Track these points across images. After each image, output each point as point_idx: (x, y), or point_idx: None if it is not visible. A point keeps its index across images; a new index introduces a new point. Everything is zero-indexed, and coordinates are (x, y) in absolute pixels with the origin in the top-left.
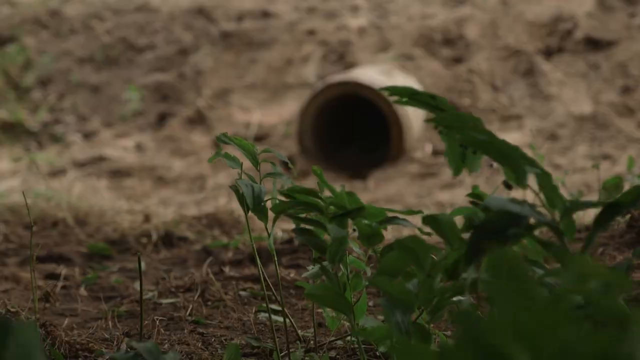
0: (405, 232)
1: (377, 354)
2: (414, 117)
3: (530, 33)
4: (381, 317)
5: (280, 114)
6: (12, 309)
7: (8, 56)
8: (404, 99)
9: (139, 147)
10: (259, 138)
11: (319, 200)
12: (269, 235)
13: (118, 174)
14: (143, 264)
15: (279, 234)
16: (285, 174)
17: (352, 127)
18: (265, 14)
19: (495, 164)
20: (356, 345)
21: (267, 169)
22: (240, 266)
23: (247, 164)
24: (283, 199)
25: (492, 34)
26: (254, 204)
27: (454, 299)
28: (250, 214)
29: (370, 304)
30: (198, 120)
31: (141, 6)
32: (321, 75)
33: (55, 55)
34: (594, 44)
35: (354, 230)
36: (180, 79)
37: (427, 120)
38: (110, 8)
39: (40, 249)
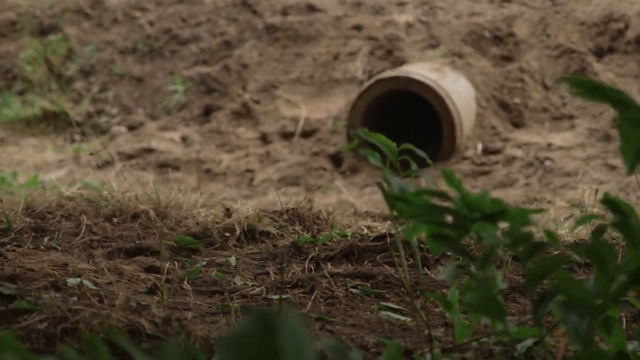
0: None
1: (515, 354)
2: (465, 115)
3: (581, 32)
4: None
5: (328, 109)
6: (142, 303)
7: (50, 46)
8: (583, 91)
9: (185, 140)
10: (307, 133)
11: (453, 203)
12: (407, 232)
13: (165, 166)
14: (233, 259)
15: (365, 231)
16: (425, 172)
17: (401, 124)
18: (311, 8)
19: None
20: (493, 347)
21: (317, 163)
22: (335, 262)
23: (295, 158)
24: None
25: (541, 32)
26: (393, 199)
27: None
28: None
29: None
30: (244, 114)
31: None
32: (369, 71)
33: (97, 46)
34: None
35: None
36: (225, 72)
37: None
38: None
39: (125, 242)
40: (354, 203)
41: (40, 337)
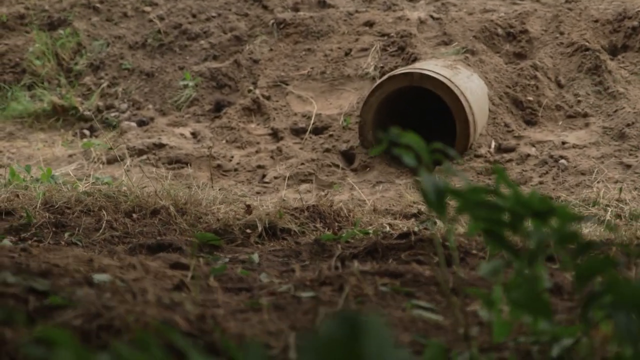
0: None
1: (553, 355)
2: (478, 113)
3: (594, 30)
4: None
5: (340, 106)
6: (175, 299)
7: (59, 40)
8: None
9: (196, 136)
10: (318, 129)
11: (502, 201)
12: (450, 231)
13: (176, 162)
14: (256, 256)
15: (387, 229)
16: (458, 169)
17: (413, 121)
18: (322, 4)
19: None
20: (531, 346)
21: (329, 160)
22: (359, 260)
23: (306, 155)
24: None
25: (555, 29)
26: (435, 200)
27: None
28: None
29: None
30: (255, 109)
31: None
32: (380, 68)
33: (107, 41)
34: None
35: None
36: (236, 67)
37: None
38: None
39: (146, 238)
40: (367, 200)
41: (76, 333)
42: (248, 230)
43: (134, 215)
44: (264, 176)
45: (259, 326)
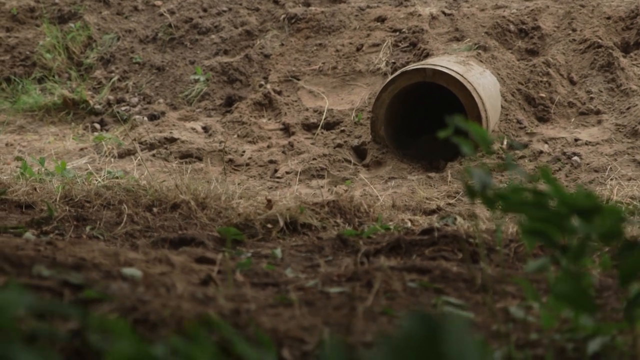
0: None
1: (589, 352)
2: (491, 109)
3: (607, 27)
4: None
5: (351, 101)
6: (210, 295)
7: (70, 33)
8: None
9: (207, 130)
10: (330, 125)
11: (548, 198)
12: (497, 226)
13: (188, 156)
14: (279, 251)
15: (408, 224)
16: (518, 165)
17: (425, 117)
18: None
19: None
20: (565, 344)
21: (341, 156)
22: (383, 256)
23: (318, 150)
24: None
25: (567, 26)
26: (482, 193)
27: None
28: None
29: None
30: (266, 104)
31: None
32: (392, 63)
33: (117, 34)
34: None
35: None
36: (247, 62)
37: None
38: None
39: (167, 232)
40: (379, 196)
41: None
42: (269, 225)
43: (154, 209)
44: (275, 171)
45: (291, 321)
